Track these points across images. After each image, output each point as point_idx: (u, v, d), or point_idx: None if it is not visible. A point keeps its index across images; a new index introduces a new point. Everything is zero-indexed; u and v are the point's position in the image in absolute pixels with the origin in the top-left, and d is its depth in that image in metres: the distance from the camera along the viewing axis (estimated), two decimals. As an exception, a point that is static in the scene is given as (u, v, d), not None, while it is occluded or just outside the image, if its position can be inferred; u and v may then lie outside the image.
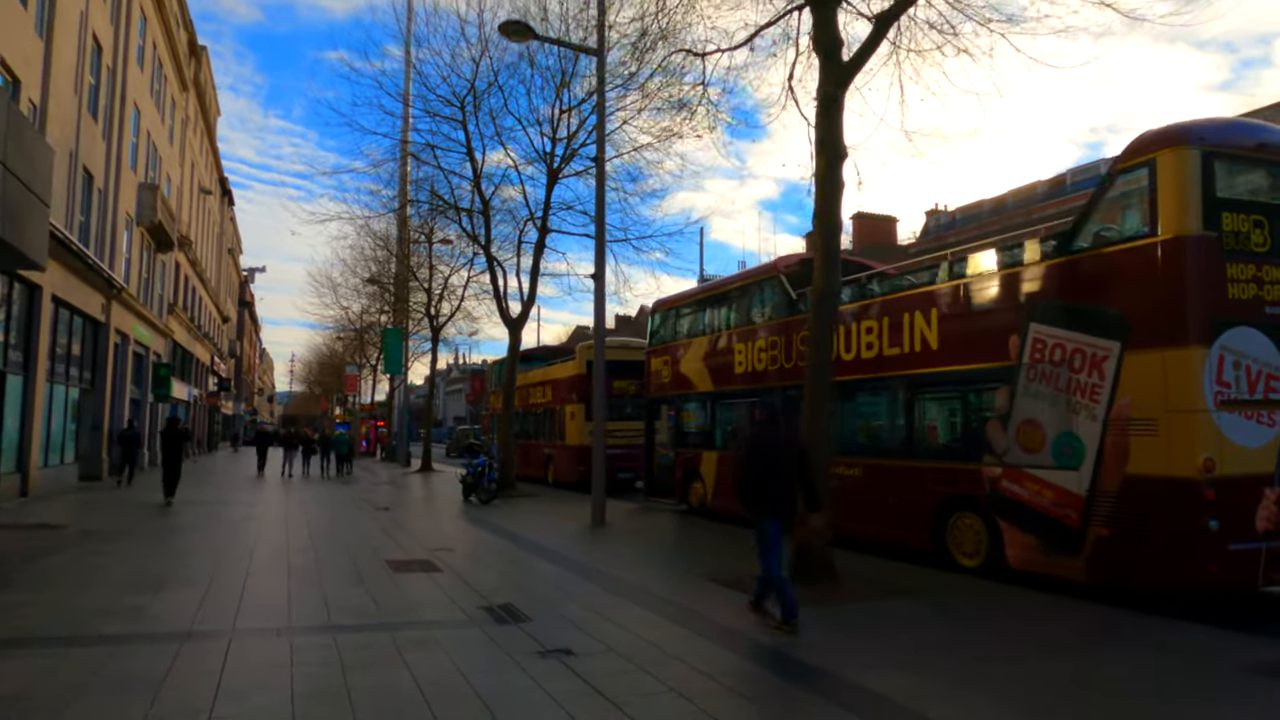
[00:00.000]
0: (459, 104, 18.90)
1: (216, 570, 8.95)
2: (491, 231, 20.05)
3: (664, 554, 10.76)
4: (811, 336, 8.43)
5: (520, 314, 19.98)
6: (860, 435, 10.79)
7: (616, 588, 8.35)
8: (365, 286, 36.46)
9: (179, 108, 34.31)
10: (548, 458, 23.31)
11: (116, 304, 23.29)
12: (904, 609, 7.27)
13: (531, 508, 16.98)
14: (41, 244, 12.15)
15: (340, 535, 12.21)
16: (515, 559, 10.32)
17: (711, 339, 14.23)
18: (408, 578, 8.85)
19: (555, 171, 19.16)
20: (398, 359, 32.94)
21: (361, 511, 15.79)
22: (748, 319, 13.25)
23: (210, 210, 48.04)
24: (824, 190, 8.39)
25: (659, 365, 16.04)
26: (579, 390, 21.37)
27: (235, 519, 14.05)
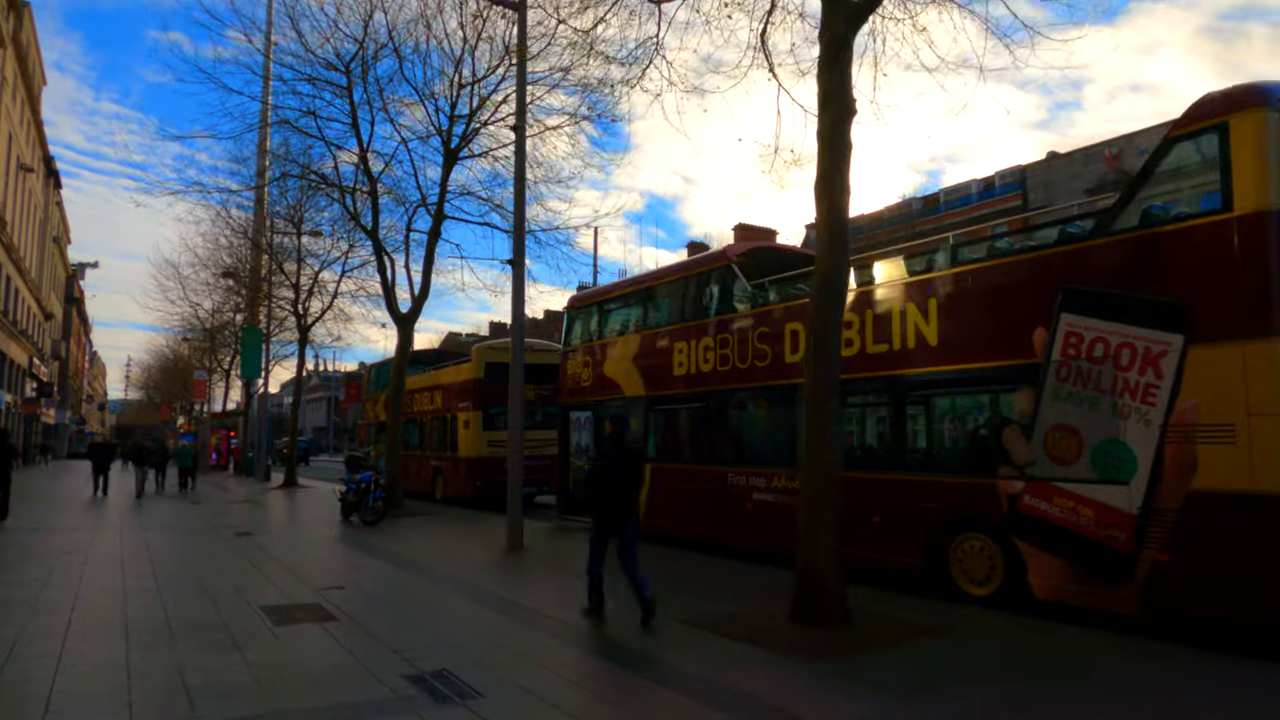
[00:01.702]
0: (344, 68, 16.51)
1: (21, 633, 6.51)
2: (379, 216, 17.68)
3: (616, 593, 9.05)
4: (813, 327, 7.03)
5: (411, 309, 17.71)
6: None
7: (577, 640, 6.60)
8: (220, 280, 32.54)
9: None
10: (436, 471, 20.99)
11: (-99, 288, 19.16)
12: (948, 657, 5.93)
13: (427, 529, 14.80)
14: None
15: (195, 572, 9.75)
16: (428, 599, 8.34)
17: (644, 337, 12.67)
18: (295, 632, 6.76)
19: (454, 152, 17.10)
20: (256, 362, 29.42)
21: (218, 538, 13.14)
22: (691, 314, 11.78)
23: (32, 191, 42.09)
24: (829, 152, 7.03)
25: (576, 368, 14.32)
26: (475, 396, 19.27)
27: (52, 552, 11.18)
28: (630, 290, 13.53)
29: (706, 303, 11.50)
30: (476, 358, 19.49)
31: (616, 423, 7.62)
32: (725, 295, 11.16)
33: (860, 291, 9.07)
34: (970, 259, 8.09)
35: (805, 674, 5.61)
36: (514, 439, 11.88)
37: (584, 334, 14.45)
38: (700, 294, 11.65)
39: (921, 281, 8.42)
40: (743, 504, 10.43)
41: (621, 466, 7.27)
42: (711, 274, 11.49)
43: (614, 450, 7.38)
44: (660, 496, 12.10)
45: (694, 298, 11.78)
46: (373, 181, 17.27)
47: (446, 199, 17.47)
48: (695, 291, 11.77)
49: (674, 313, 12.17)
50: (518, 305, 11.98)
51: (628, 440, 7.57)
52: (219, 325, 38.02)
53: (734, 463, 10.73)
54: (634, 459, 7.52)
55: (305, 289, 26.80)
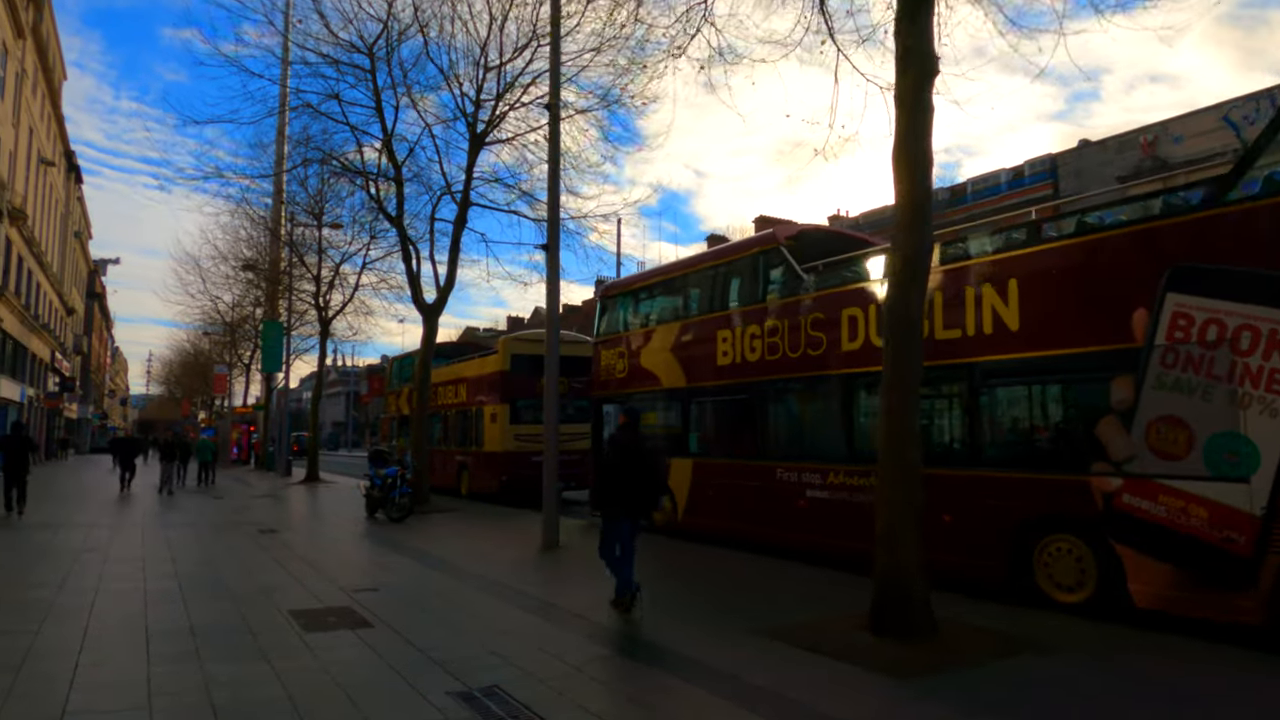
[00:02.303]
0: (367, 51, 15.98)
1: (34, 642, 6.01)
2: (404, 204, 17.15)
3: (669, 595, 8.46)
4: (892, 312, 6.39)
5: (437, 299, 17.18)
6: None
7: (630, 648, 6.03)
8: (241, 273, 32.22)
9: (13, 57, 29.22)
10: (461, 466, 20.48)
11: (-79, 280, 18.87)
12: (1058, 678, 5.30)
13: (456, 526, 14.29)
14: None
15: (219, 572, 9.27)
16: (466, 601, 7.79)
17: (685, 326, 12.06)
18: (328, 640, 6.23)
19: (480, 136, 16.54)
20: (277, 355, 29.05)
21: (242, 536, 12.69)
22: (736, 300, 11.16)
23: (53, 186, 42.00)
24: (909, 117, 6.39)
25: (611, 359, 13.74)
26: (501, 389, 18.72)
27: (71, 550, 10.74)
28: (669, 277, 12.90)
29: (753, 288, 10.87)
30: (503, 350, 18.95)
31: (629, 414, 7.50)
32: (774, 280, 10.53)
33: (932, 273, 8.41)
34: (1057, 235, 7.41)
35: (895, 693, 5.01)
36: (549, 433, 11.32)
37: (619, 323, 13.87)
38: (746, 279, 11.02)
39: (1001, 261, 7.75)
40: (794, 501, 9.82)
41: (634, 457, 7.13)
42: (759, 258, 10.85)
43: (626, 442, 7.22)
44: (702, 493, 11.51)
45: (739, 283, 11.16)
46: (397, 168, 16.74)
47: (472, 186, 16.94)
48: (741, 277, 11.14)
49: (717, 299, 11.54)
50: (552, 292, 11.41)
51: (640, 432, 7.44)
52: (239, 319, 37.78)
53: (784, 458, 10.11)
54: (646, 451, 7.30)
55: (326, 281, 26.40)
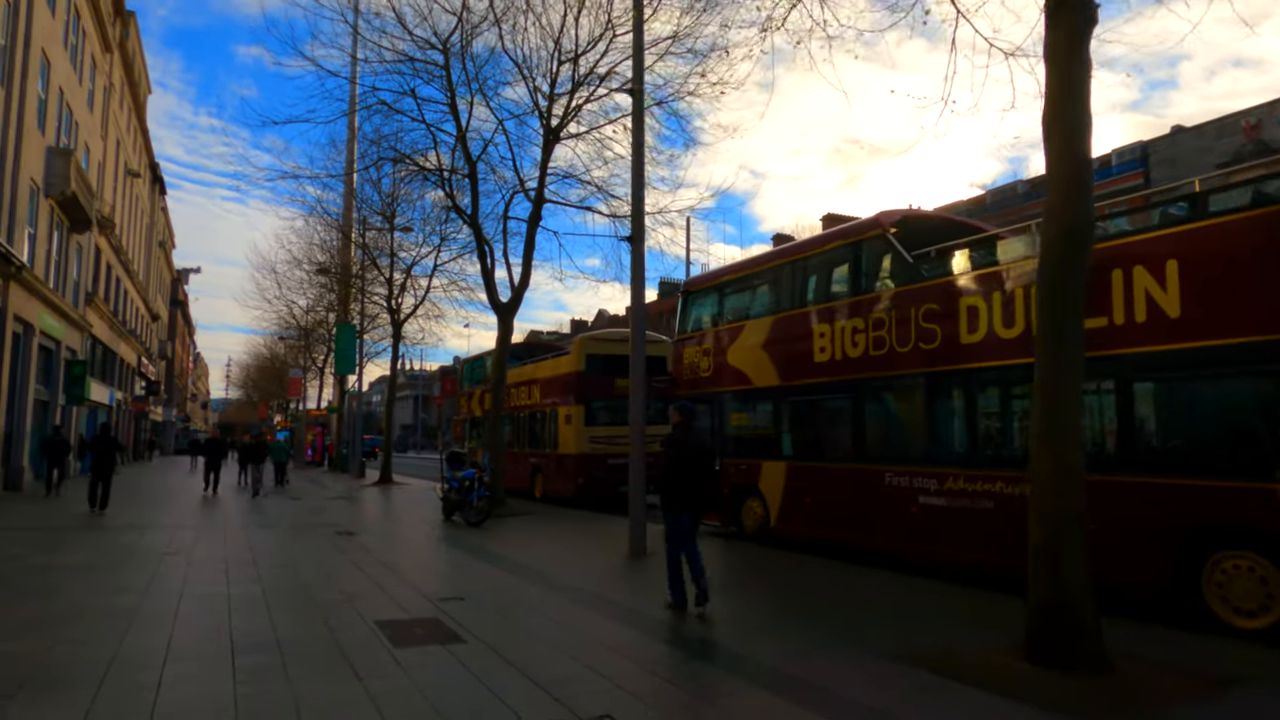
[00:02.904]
0: (441, 46, 15.73)
1: (117, 654, 5.69)
2: (479, 202, 16.86)
3: (784, 611, 7.79)
4: (1049, 295, 5.60)
5: (512, 298, 16.83)
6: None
7: (753, 674, 5.38)
8: (314, 277, 32.73)
9: (101, 71, 30.18)
10: (535, 468, 20.13)
11: (16, 286, 19.41)
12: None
13: (535, 531, 13.86)
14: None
15: (301, 577, 8.96)
16: (560, 614, 7.26)
17: (778, 321, 11.36)
18: (418, 656, 5.75)
19: (555, 130, 16.14)
20: (350, 358, 29.27)
21: (321, 538, 12.48)
22: (836, 292, 10.42)
23: (139, 196, 43.51)
24: (1064, 74, 5.61)
25: (695, 356, 13.12)
26: (576, 390, 18.29)
27: (155, 553, 10.63)
28: (760, 269, 12.20)
29: (855, 278, 10.11)
30: (577, 350, 18.52)
31: (684, 412, 7.51)
32: (879, 269, 9.76)
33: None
34: (1229, 208, 6.50)
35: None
36: (636, 435, 10.77)
37: (704, 319, 13.24)
38: (847, 269, 10.28)
39: (1158, 239, 6.87)
40: (906, 508, 9.03)
41: (692, 458, 7.20)
42: (861, 246, 10.09)
43: (683, 440, 7.29)
44: (797, 499, 10.79)
45: (839, 274, 10.42)
46: (472, 164, 16.45)
47: (545, 183, 16.55)
48: (840, 266, 10.40)
49: (815, 291, 10.82)
50: (638, 285, 10.85)
51: (697, 430, 7.43)
52: (313, 324, 38.43)
53: (894, 461, 9.33)
54: (704, 450, 7.39)
55: (398, 285, 26.50)
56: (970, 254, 8.77)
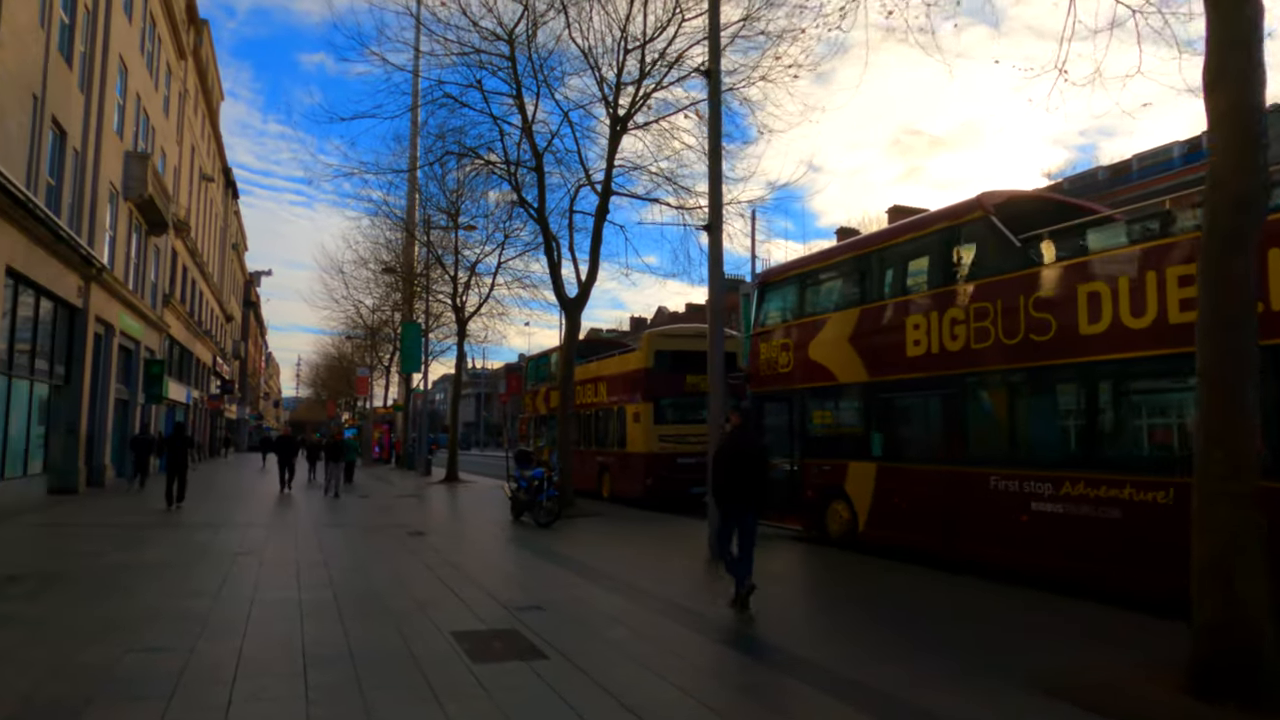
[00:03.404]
0: (507, 36, 15.42)
1: (187, 665, 5.40)
2: (546, 195, 16.52)
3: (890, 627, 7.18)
4: (1215, 276, 4.87)
5: (579, 293, 16.46)
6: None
7: (868, 704, 4.79)
8: (380, 277, 33.10)
9: (176, 78, 30.95)
10: (602, 468, 19.74)
11: (98, 288, 19.86)
12: None
13: (607, 533, 13.45)
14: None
15: (374, 582, 8.67)
16: (645, 628, 6.77)
17: (866, 312, 10.67)
18: (499, 674, 5.32)
19: (623, 119, 15.68)
20: (416, 356, 29.43)
21: (391, 539, 12.27)
22: (932, 280, 9.70)
23: (213, 200, 44.72)
24: (1227, 21, 4.86)
25: (772, 351, 12.49)
26: (644, 387, 17.82)
27: (228, 553, 10.52)
28: (844, 258, 11.50)
29: (954, 265, 9.37)
30: (646, 346, 18.04)
31: (742, 413, 7.82)
32: (982, 254, 9.00)
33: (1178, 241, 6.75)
34: None
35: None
36: (715, 432, 10.19)
37: (781, 312, 12.60)
38: (945, 255, 9.53)
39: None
40: (1015, 515, 8.27)
41: (744, 456, 7.31)
42: (960, 230, 9.34)
43: (737, 439, 7.45)
44: (888, 502, 10.09)
45: (936, 260, 9.68)
46: (538, 157, 16.12)
47: (612, 176, 16.10)
48: (938, 253, 9.66)
49: (908, 280, 10.11)
50: (715, 275, 10.30)
51: (751, 431, 7.70)
52: (380, 323, 38.93)
53: (1001, 463, 8.57)
54: (758, 450, 7.51)
55: (462, 283, 26.47)
56: (1090, 235, 7.97)
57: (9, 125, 14.10)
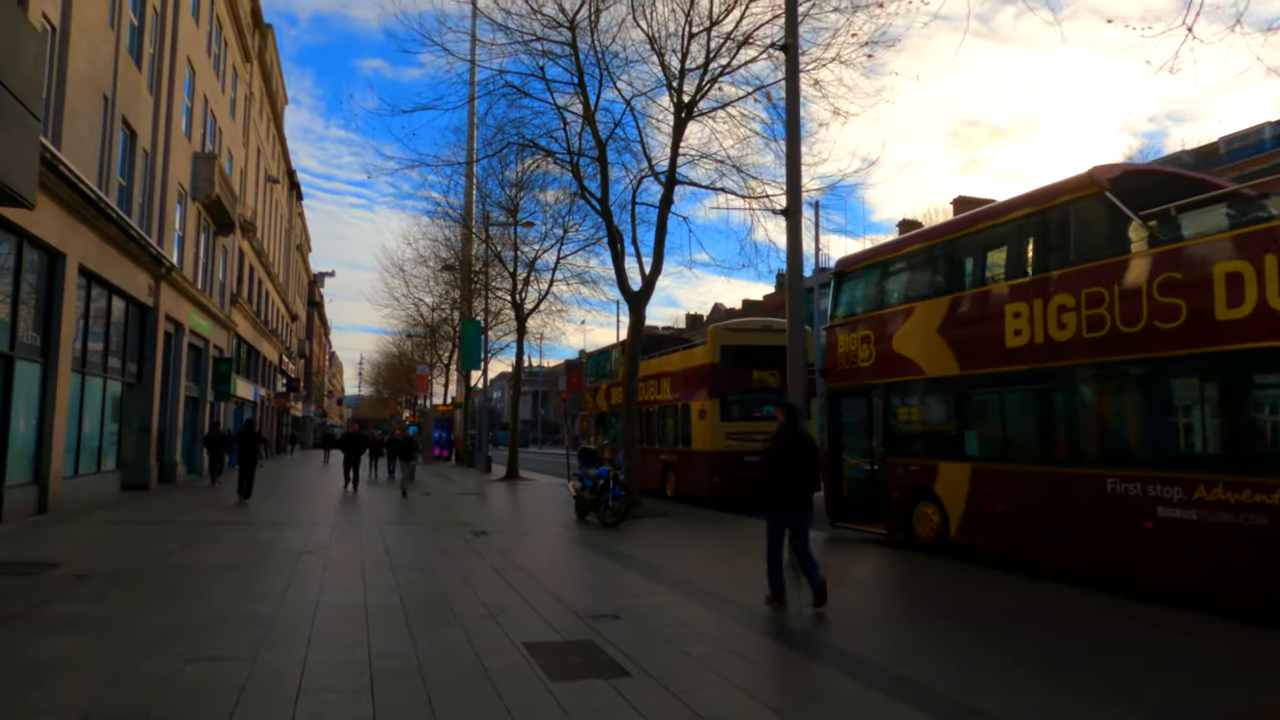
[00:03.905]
0: (569, 23, 15.00)
1: (249, 678, 5.05)
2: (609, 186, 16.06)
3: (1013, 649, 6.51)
4: None
5: (644, 286, 15.96)
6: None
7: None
8: (440, 274, 33.22)
9: (242, 80, 31.48)
10: (666, 466, 19.23)
11: (167, 286, 20.15)
12: None
13: (676, 534, 12.93)
14: (23, 168, 8.59)
15: (440, 585, 8.30)
16: (731, 642, 6.22)
17: (958, 301, 9.92)
18: (579, 693, 4.84)
19: (689, 106, 15.12)
20: (476, 353, 29.36)
21: (456, 539, 11.96)
22: (1037, 264, 8.91)
23: (278, 202, 45.61)
24: None
25: (850, 344, 11.80)
26: (710, 383, 17.25)
27: (290, 552, 10.32)
28: (933, 242, 10.72)
29: (1062, 247, 8.57)
30: (711, 340, 17.46)
31: (788, 411, 7.49)
32: (1096, 233, 8.20)
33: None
34: None
35: None
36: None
37: (861, 302, 11.90)
38: (1051, 236, 8.74)
39: None
40: (1137, 522, 7.47)
41: (795, 456, 7.18)
42: (1069, 208, 8.53)
43: (787, 439, 7.28)
44: (985, 505, 9.33)
45: (1041, 242, 8.88)
46: (601, 147, 15.67)
47: (676, 165, 15.55)
48: (1043, 234, 8.86)
49: (1008, 265, 9.32)
50: (794, 261, 9.68)
51: (801, 428, 7.51)
52: (439, 321, 39.14)
53: (1120, 464, 7.77)
54: (809, 448, 7.33)
55: (521, 279, 26.26)
56: (1229, 210, 7.13)
57: (80, 126, 14.23)
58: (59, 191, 13.03)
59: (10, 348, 12.26)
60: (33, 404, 13.21)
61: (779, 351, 17.76)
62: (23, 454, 12.94)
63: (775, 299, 64.76)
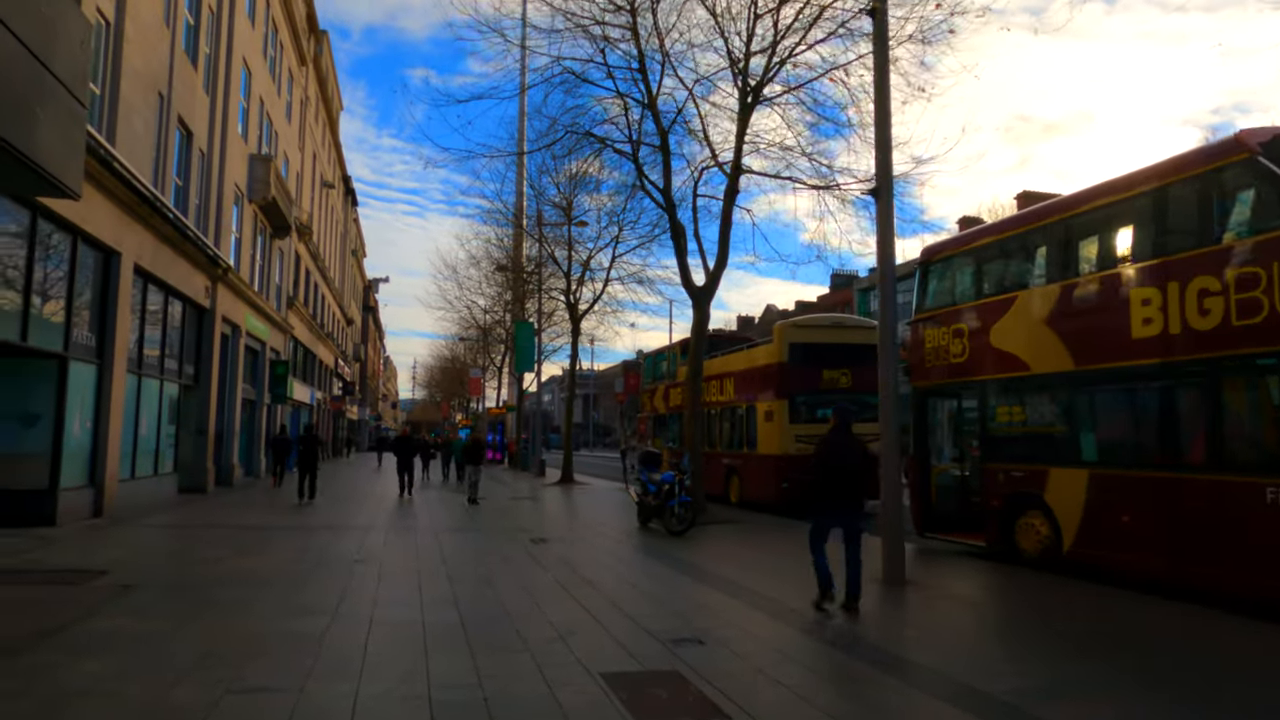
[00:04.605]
0: (629, 4, 14.29)
1: (297, 708, 4.41)
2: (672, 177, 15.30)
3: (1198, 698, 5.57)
4: None
5: (708, 281, 15.16)
6: None
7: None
8: (493, 275, 32.92)
9: (298, 84, 31.59)
10: (729, 470, 18.38)
11: (224, 288, 20.02)
12: None
13: (748, 544, 12.10)
14: (68, 156, 8.18)
15: (503, 600, 7.61)
16: (842, 676, 5.39)
17: (1070, 288, 8.90)
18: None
19: (757, 89, 14.28)
20: (530, 355, 28.90)
21: (515, 546, 11.31)
22: (1173, 243, 7.86)
23: (333, 207, 46.00)
24: None
25: (940, 339, 10.82)
26: (778, 383, 16.36)
27: (343, 560, 9.77)
28: (1040, 224, 9.65)
29: (1204, 222, 7.52)
30: (779, 338, 16.56)
31: (840, 415, 7.48)
32: (1248, 205, 7.15)
33: None
34: None
35: None
36: (889, 434, 8.66)
37: (952, 293, 10.92)
38: (1190, 211, 7.69)
39: None
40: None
41: (844, 458, 7.17)
42: (1213, 178, 7.47)
43: (836, 441, 7.27)
44: (1106, 517, 8.29)
45: (1176, 218, 7.84)
46: (663, 134, 14.93)
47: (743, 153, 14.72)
48: (1178, 209, 7.82)
49: (1134, 246, 8.28)
50: (885, 245, 8.76)
51: (851, 432, 7.39)
52: (492, 323, 38.89)
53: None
54: (859, 451, 7.28)
55: (576, 279, 25.72)
56: None
57: (135, 123, 14.01)
58: (113, 188, 12.79)
59: (64, 348, 12.02)
60: (88, 405, 12.99)
61: (851, 350, 16.82)
62: (78, 456, 12.71)
63: (829, 299, 63.08)
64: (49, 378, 11.96)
